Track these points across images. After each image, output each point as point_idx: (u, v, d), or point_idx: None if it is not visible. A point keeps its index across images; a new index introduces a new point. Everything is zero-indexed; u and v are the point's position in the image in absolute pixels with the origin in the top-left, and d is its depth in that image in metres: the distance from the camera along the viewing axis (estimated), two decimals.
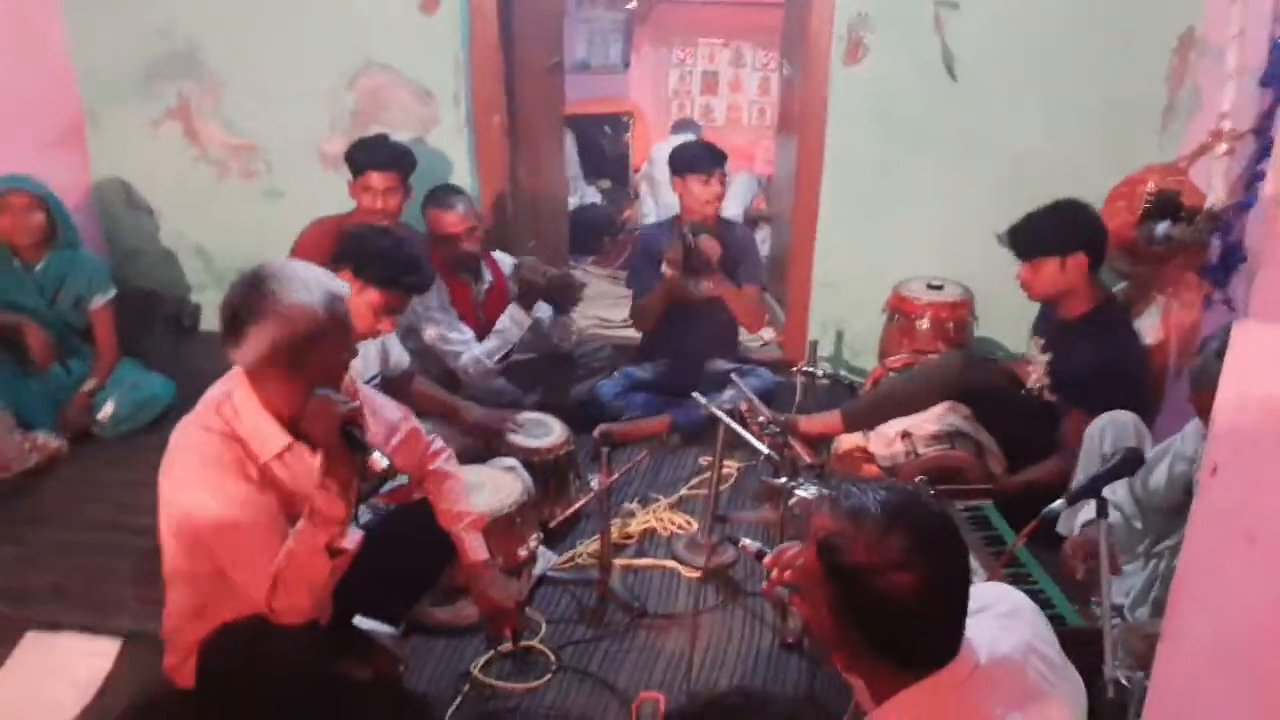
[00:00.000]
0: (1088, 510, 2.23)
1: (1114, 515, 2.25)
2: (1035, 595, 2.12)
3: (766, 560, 1.47)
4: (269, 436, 1.96)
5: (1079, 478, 2.55)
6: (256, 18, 3.98)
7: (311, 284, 1.93)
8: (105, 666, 2.27)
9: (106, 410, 3.43)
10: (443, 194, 3.38)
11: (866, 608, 1.27)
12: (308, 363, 1.91)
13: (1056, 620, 2.04)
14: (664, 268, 3.42)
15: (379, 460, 1.85)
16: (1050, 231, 2.81)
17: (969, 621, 1.33)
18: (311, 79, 4.02)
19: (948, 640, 1.31)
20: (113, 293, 3.60)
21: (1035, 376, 3.00)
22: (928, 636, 1.29)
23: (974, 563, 2.32)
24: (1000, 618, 1.42)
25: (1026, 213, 2.86)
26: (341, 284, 2.03)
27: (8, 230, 3.32)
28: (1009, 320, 3.65)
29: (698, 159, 3.53)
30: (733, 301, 3.57)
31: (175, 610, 2.05)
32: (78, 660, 2.28)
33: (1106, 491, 1.93)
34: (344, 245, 2.64)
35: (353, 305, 2.57)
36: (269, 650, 1.90)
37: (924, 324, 3.66)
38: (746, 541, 1.68)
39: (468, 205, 3.36)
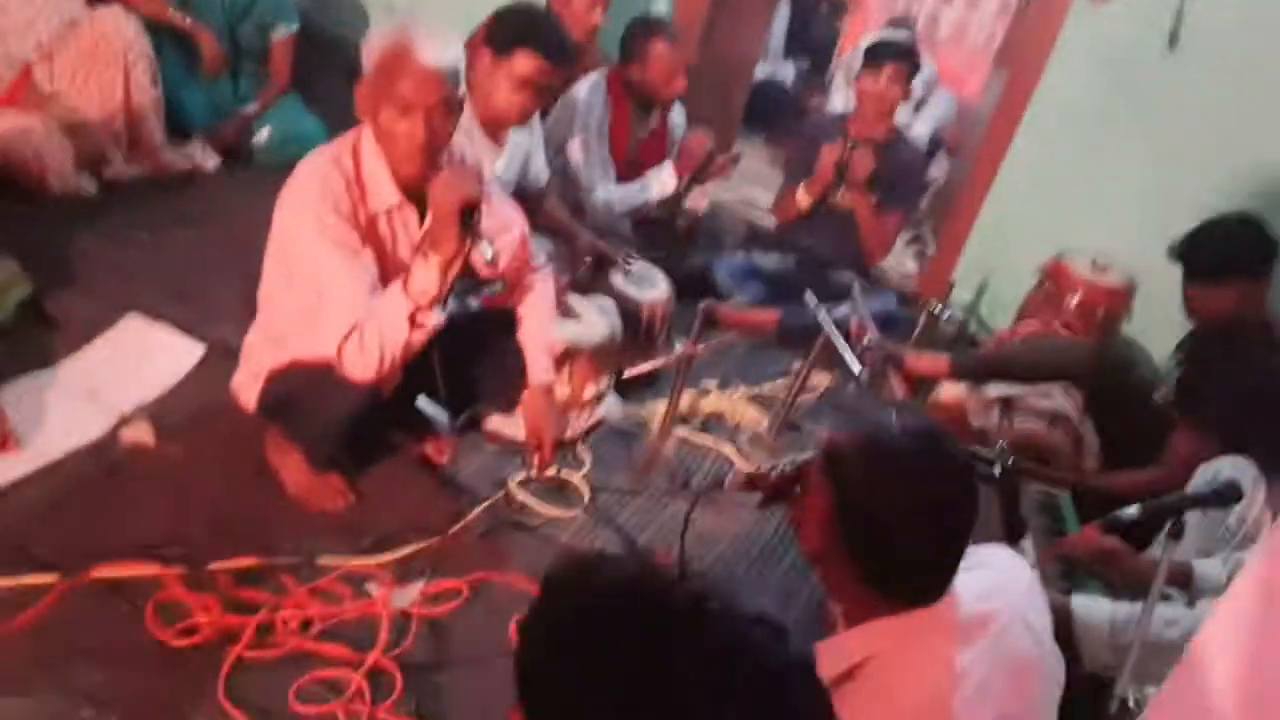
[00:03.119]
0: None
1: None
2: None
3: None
4: (384, 189, 1.99)
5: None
6: None
7: (445, 48, 1.90)
8: (186, 366, 2.40)
9: (261, 135, 3.55)
10: (664, 27, 3.24)
11: (861, 525, 1.26)
12: (403, 116, 1.88)
13: None
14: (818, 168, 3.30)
15: (485, 250, 1.89)
16: (1242, 248, 2.52)
17: (966, 576, 1.31)
18: None
19: (934, 580, 1.30)
20: (295, 27, 3.67)
21: (1165, 388, 2.79)
22: (915, 570, 1.28)
23: (1027, 543, 2.24)
24: (1001, 579, 1.39)
25: (1201, 224, 2.54)
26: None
27: None
28: (1165, 326, 3.38)
29: (879, 49, 3.31)
30: (864, 222, 3.40)
31: (258, 333, 2.16)
32: (164, 353, 2.42)
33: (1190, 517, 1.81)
34: (486, 26, 2.57)
35: (487, 83, 2.52)
36: (328, 395, 1.98)
37: (1074, 300, 3.43)
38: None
39: (681, 44, 3.24)
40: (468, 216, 1.88)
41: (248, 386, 2.14)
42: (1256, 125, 3.26)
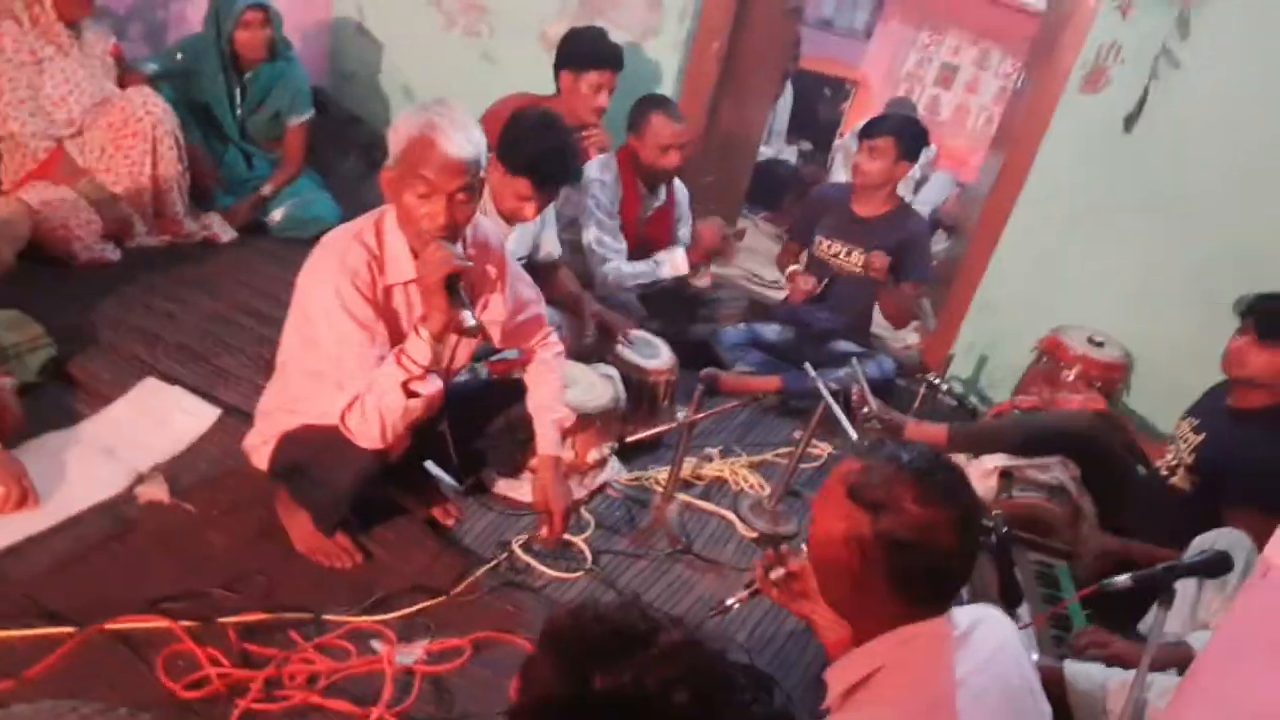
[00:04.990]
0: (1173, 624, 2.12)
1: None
2: None
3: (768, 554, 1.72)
4: (402, 264, 2.06)
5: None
6: None
7: (467, 141, 1.96)
8: (201, 428, 2.47)
9: (275, 215, 3.68)
10: (667, 103, 3.40)
11: (900, 534, 1.35)
12: (426, 200, 1.95)
13: None
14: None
15: (467, 318, 1.95)
16: None
17: (957, 609, 1.45)
18: None
19: (953, 587, 1.43)
20: (310, 114, 3.78)
21: (1171, 457, 2.82)
22: (943, 575, 1.40)
23: (1023, 609, 2.26)
24: (988, 619, 1.50)
25: None
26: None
27: (243, 44, 3.49)
28: (1160, 398, 3.45)
29: (872, 124, 3.44)
30: (884, 292, 3.49)
31: (273, 396, 2.23)
32: (181, 415, 2.50)
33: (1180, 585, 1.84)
34: (503, 128, 2.65)
35: (499, 186, 2.66)
36: (337, 461, 2.05)
37: (1071, 375, 3.50)
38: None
39: (685, 124, 3.39)
40: (451, 287, 1.95)
41: (260, 448, 2.20)
42: (1223, 208, 3.36)
